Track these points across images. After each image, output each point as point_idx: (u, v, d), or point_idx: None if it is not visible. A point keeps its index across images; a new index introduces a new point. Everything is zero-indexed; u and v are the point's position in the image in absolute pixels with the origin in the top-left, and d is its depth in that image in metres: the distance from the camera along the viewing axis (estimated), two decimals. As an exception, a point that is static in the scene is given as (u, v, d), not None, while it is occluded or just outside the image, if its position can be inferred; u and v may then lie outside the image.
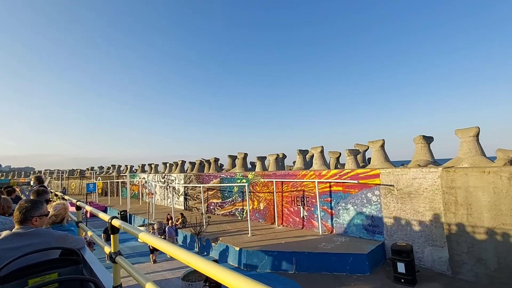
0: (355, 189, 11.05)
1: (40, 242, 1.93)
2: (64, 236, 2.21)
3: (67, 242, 2.17)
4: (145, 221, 15.66)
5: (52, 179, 42.34)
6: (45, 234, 2.05)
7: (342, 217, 11.38)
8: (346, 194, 11.31)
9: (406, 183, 9.76)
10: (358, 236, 10.85)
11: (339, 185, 11.54)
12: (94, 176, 34.60)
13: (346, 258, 9.16)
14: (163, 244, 1.44)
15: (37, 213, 2.14)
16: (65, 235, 2.25)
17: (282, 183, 13.75)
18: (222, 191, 17.35)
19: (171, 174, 23.26)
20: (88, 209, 3.19)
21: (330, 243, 10.31)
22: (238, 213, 16.06)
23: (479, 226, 8.16)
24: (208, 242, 11.67)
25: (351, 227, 11.07)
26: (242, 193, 15.93)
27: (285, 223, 13.48)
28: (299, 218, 12.92)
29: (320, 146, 15.01)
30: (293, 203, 13.23)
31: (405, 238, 9.67)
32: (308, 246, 10.14)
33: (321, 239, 10.91)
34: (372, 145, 13.00)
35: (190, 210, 19.65)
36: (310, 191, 12.57)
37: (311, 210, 12.48)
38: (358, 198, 10.93)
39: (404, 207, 9.78)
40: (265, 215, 14.50)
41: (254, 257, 10.00)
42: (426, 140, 11.96)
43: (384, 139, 12.80)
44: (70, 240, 2.25)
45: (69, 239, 2.27)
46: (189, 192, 20.10)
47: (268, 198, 14.44)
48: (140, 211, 20.66)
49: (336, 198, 11.63)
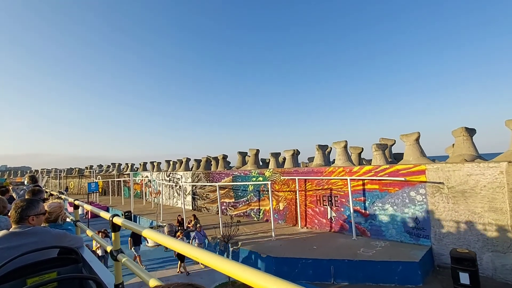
0: (394, 187, 9.81)
1: (37, 241, 1.90)
2: (62, 235, 2.16)
3: (65, 241, 2.12)
4: (153, 223, 14.35)
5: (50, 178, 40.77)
6: (43, 233, 2.01)
7: (379, 219, 10.14)
8: (383, 193, 10.07)
9: (459, 181, 8.53)
10: (398, 240, 9.63)
11: (374, 183, 10.30)
12: (94, 175, 33.14)
13: (394, 267, 7.93)
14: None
15: (33, 212, 2.09)
16: (63, 234, 2.20)
17: (305, 181, 12.49)
18: (235, 190, 16.06)
19: (177, 172, 21.93)
20: (88, 208, 3.12)
21: (369, 249, 9.07)
22: (254, 213, 14.79)
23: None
24: (247, 253, 9.99)
25: (390, 230, 9.85)
26: (258, 192, 14.66)
27: (309, 224, 12.23)
28: (326, 219, 11.68)
29: (344, 141, 13.76)
30: (319, 203, 11.98)
31: (457, 243, 8.46)
32: (345, 253, 8.90)
33: (357, 244, 9.68)
34: (405, 139, 11.76)
35: (199, 210, 18.35)
36: (338, 190, 11.31)
37: (340, 210, 11.23)
38: (399, 198, 9.69)
39: (456, 207, 8.55)
40: (286, 216, 13.25)
41: (284, 265, 8.75)
42: (469, 132, 10.73)
43: (419, 132, 11.57)
44: (68, 239, 2.19)
45: (67, 238, 2.20)
46: (198, 191, 18.79)
47: (289, 197, 13.18)
48: (145, 212, 19.35)
49: (371, 197, 10.38)
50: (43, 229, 2.09)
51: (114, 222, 1.90)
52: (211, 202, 17.53)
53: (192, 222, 13.32)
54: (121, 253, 1.92)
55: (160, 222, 14.89)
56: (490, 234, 7.92)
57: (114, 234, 1.98)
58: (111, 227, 1.94)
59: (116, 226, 1.93)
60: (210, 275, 8.74)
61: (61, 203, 3.04)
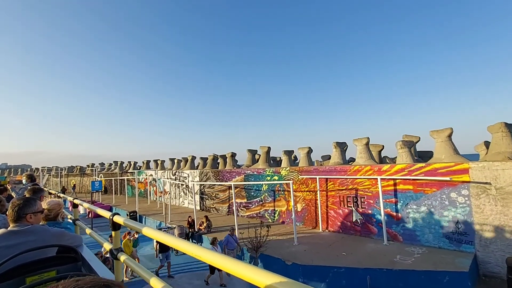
0: (432, 188, 8.91)
1: (36, 240, 1.88)
2: (61, 233, 2.13)
3: (64, 239, 2.10)
4: (162, 224, 13.47)
5: (51, 176, 39.90)
6: (42, 231, 1.98)
7: (413, 222, 9.25)
8: (418, 194, 9.17)
9: (510, 181, 7.63)
10: (436, 246, 8.74)
11: (407, 183, 9.41)
12: (96, 173, 32.25)
13: (439, 277, 7.05)
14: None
15: (30, 210, 2.06)
16: (62, 232, 2.16)
17: (327, 181, 11.59)
18: (247, 190, 15.17)
19: (183, 171, 21.04)
20: (86, 206, 3.13)
21: (406, 256, 8.19)
22: (269, 215, 13.91)
23: None
24: (268, 259, 8.86)
25: (427, 235, 8.96)
26: (274, 192, 13.77)
27: (332, 227, 11.34)
28: (351, 222, 10.79)
29: (366, 138, 12.88)
30: (342, 204, 11.09)
31: (507, 250, 7.56)
32: (381, 260, 8.01)
33: (390, 250, 8.79)
34: (436, 135, 10.86)
35: (207, 210, 17.47)
36: (365, 190, 10.42)
37: (367, 212, 10.35)
38: (437, 199, 8.80)
39: (506, 210, 7.66)
40: (304, 218, 12.36)
41: (313, 275, 7.87)
42: (509, 128, 9.83)
43: (452, 128, 10.67)
44: (67, 237, 2.15)
45: (66, 236, 2.16)
46: (206, 191, 17.90)
47: (308, 198, 12.29)
48: (151, 212, 18.47)
49: (403, 198, 9.49)
50: (41, 227, 2.07)
51: (115, 220, 1.88)
52: (221, 202, 16.65)
53: (204, 224, 12.46)
54: (121, 251, 1.91)
55: (169, 223, 14.01)
56: (548, 241, 7.04)
57: (114, 232, 1.93)
58: (111, 225, 1.92)
59: (116, 225, 1.90)
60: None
61: (60, 201, 2.97)
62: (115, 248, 1.95)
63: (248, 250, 8.98)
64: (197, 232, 12.34)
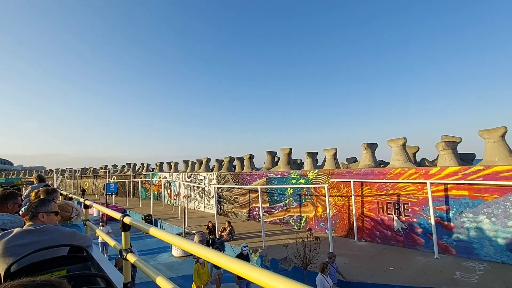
0: (493, 194, 7.78)
1: (49, 239, 1.94)
2: (72, 233, 2.17)
3: (75, 239, 2.15)
4: (181, 230, 12.67)
5: (64, 178, 40.03)
6: (54, 231, 2.03)
7: (469, 233, 8.12)
8: (476, 201, 8.05)
9: None
10: (499, 260, 7.58)
11: (462, 188, 8.30)
12: (109, 175, 31.99)
13: (517, 301, 5.93)
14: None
15: (43, 209, 2.13)
16: (73, 232, 2.20)
17: (362, 185, 10.56)
18: (270, 194, 14.25)
19: (199, 173, 20.30)
20: (96, 207, 3.02)
21: (468, 273, 7.08)
22: (294, 221, 12.93)
23: None
24: (307, 274, 7.48)
25: (487, 248, 7.81)
26: (299, 197, 12.80)
27: (368, 237, 10.27)
28: (391, 231, 9.71)
29: (402, 138, 11.77)
30: (381, 211, 10.03)
31: None
32: (438, 278, 6.93)
33: (445, 265, 7.69)
34: (487, 135, 9.69)
35: (225, 215, 16.62)
36: (409, 196, 9.34)
37: (412, 221, 9.25)
38: (500, 207, 7.66)
39: None
40: (335, 226, 11.33)
41: (360, 293, 6.85)
42: None
43: (506, 127, 9.50)
44: (78, 237, 2.20)
45: (77, 236, 2.21)
46: (224, 194, 17.07)
47: (340, 203, 11.27)
48: (166, 216, 17.77)
49: (457, 205, 8.38)
50: (54, 227, 2.10)
51: (125, 222, 1.92)
52: (241, 206, 15.78)
53: (226, 230, 11.59)
54: (130, 252, 1.93)
55: (187, 228, 13.22)
56: None
57: (124, 233, 1.98)
58: (121, 227, 1.95)
59: (126, 226, 1.94)
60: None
61: (71, 202, 2.99)
62: (124, 248, 1.97)
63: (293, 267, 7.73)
64: (219, 239, 11.48)
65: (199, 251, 1.14)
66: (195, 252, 1.17)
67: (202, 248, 1.13)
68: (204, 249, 1.12)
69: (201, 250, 1.13)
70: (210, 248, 1.13)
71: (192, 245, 1.21)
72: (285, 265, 8.61)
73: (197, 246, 1.17)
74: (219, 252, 1.04)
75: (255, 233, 12.28)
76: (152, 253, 12.41)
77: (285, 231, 12.42)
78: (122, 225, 1.94)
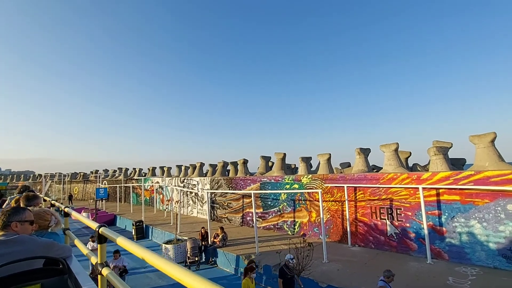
0: (484, 199, 7.86)
1: (22, 250, 1.79)
2: (49, 244, 2.00)
3: (53, 250, 1.99)
4: (172, 236, 12.41)
5: (53, 183, 39.08)
6: (29, 242, 1.89)
7: (461, 238, 8.16)
8: (467, 206, 8.11)
9: None
10: (491, 265, 7.62)
11: (453, 193, 8.36)
12: (100, 180, 31.36)
13: (510, 306, 5.94)
14: None
15: (16, 218, 1.98)
16: (50, 243, 2.03)
17: (355, 189, 10.57)
18: (263, 199, 14.14)
19: (192, 178, 20.07)
20: (75, 216, 2.69)
21: (460, 278, 7.08)
22: (288, 226, 12.82)
23: None
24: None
25: (478, 253, 7.85)
26: (293, 202, 12.73)
27: (361, 242, 10.24)
28: (384, 236, 9.70)
29: (395, 143, 11.86)
30: (374, 216, 10.03)
31: None
32: (431, 283, 6.92)
33: (438, 270, 7.69)
34: (477, 140, 9.84)
35: (219, 220, 16.40)
36: (402, 201, 9.37)
37: (404, 226, 9.27)
38: (490, 212, 7.73)
39: None
40: (329, 231, 11.27)
41: (354, 300, 6.77)
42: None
43: (495, 133, 9.67)
44: (55, 248, 2.03)
45: (55, 247, 2.03)
46: (218, 200, 16.87)
47: (333, 208, 11.23)
48: (158, 222, 17.43)
49: (449, 210, 8.43)
50: (29, 237, 1.95)
51: (101, 233, 1.76)
52: (234, 212, 15.60)
53: (219, 237, 11.40)
54: (106, 266, 1.80)
55: (178, 234, 12.96)
56: None
57: (100, 246, 1.83)
58: (97, 238, 1.80)
59: (102, 238, 1.79)
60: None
61: (51, 210, 2.83)
62: (100, 262, 1.83)
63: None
64: (211, 245, 11.28)
65: (167, 268, 1.06)
66: (161, 269, 1.10)
67: (171, 266, 1.05)
68: (172, 266, 1.04)
69: (170, 267, 1.05)
70: (181, 266, 1.03)
71: (158, 260, 1.14)
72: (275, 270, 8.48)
73: (165, 262, 1.09)
74: (188, 271, 0.96)
75: (248, 239, 12.12)
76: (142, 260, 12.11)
77: (279, 236, 12.30)
78: (98, 236, 1.80)
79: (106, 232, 1.72)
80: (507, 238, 7.45)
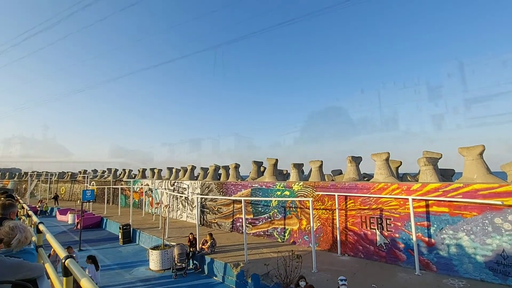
0: (471, 212, 7.92)
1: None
2: (17, 265, 1.86)
3: (22, 272, 1.86)
4: (160, 241, 12.11)
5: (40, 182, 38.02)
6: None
7: (449, 250, 8.19)
8: (455, 218, 8.16)
9: None
10: (478, 278, 7.66)
11: (442, 205, 8.41)
12: (88, 181, 30.63)
13: (496, 321, 5.94)
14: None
15: None
16: (18, 264, 1.88)
17: (346, 198, 10.55)
18: (254, 205, 13.99)
19: (183, 181, 19.78)
20: (50, 239, 2.65)
21: (448, 291, 7.08)
22: (278, 234, 12.69)
23: None
24: None
25: (466, 265, 7.89)
26: (284, 209, 12.63)
27: (351, 251, 10.19)
28: (374, 246, 9.68)
29: (386, 152, 11.92)
30: (364, 226, 10.01)
31: None
32: (419, 296, 6.89)
33: (427, 282, 7.68)
34: (466, 153, 9.97)
35: (208, 226, 16.15)
36: (392, 211, 9.38)
37: (394, 236, 9.27)
38: (478, 224, 7.79)
39: None
40: (319, 239, 11.20)
41: (342, 312, 6.66)
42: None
43: (484, 145, 9.82)
44: (24, 269, 1.89)
45: (23, 268, 1.89)
46: (208, 204, 16.64)
47: (324, 216, 11.18)
48: (145, 225, 17.06)
49: (438, 222, 8.47)
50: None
51: (67, 266, 1.64)
52: (225, 217, 15.39)
53: (207, 243, 11.18)
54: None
55: (166, 239, 12.68)
56: None
57: (66, 279, 1.69)
58: (63, 271, 1.67)
59: (68, 271, 1.64)
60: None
61: (23, 224, 2.54)
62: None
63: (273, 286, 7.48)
64: (199, 252, 11.05)
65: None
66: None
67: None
68: None
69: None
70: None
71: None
72: (266, 281, 8.31)
73: None
74: None
75: (237, 245, 11.93)
76: (128, 266, 11.78)
77: (269, 244, 12.15)
78: (63, 269, 1.67)
79: (72, 266, 1.59)
80: (494, 251, 7.51)
